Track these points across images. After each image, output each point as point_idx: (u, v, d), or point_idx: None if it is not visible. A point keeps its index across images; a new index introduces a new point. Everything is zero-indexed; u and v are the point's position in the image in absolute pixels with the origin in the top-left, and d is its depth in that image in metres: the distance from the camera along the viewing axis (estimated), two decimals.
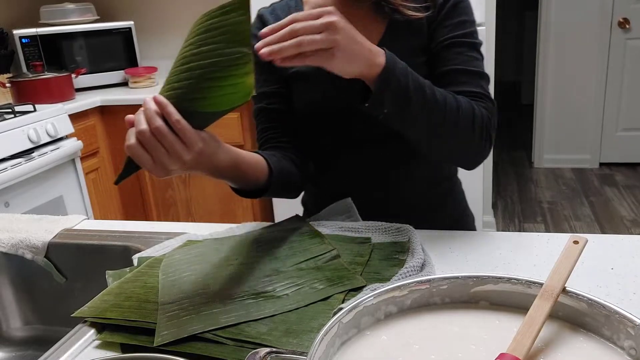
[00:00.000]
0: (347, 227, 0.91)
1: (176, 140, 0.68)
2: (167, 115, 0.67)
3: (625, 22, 3.64)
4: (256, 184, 0.89)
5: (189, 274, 0.79)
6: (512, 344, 0.48)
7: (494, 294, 0.57)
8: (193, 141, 0.69)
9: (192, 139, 0.69)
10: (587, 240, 0.57)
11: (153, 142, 0.67)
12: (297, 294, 0.72)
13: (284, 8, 1.00)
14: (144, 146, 0.68)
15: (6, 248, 0.98)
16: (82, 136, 2.32)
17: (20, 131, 2.02)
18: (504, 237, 0.85)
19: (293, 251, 0.83)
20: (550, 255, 0.79)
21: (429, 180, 1.02)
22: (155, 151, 0.67)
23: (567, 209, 3.27)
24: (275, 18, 0.98)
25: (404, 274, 0.71)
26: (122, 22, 2.78)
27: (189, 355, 0.61)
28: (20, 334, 1.03)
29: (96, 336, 0.69)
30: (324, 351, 0.49)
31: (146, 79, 2.73)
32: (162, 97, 0.69)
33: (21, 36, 2.56)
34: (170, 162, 0.68)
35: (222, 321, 0.66)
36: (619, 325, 0.49)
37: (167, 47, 3.07)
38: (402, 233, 0.85)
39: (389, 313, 0.56)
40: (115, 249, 0.95)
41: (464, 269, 0.77)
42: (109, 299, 0.74)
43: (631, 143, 3.86)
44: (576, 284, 0.54)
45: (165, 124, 0.67)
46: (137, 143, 0.68)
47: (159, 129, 0.67)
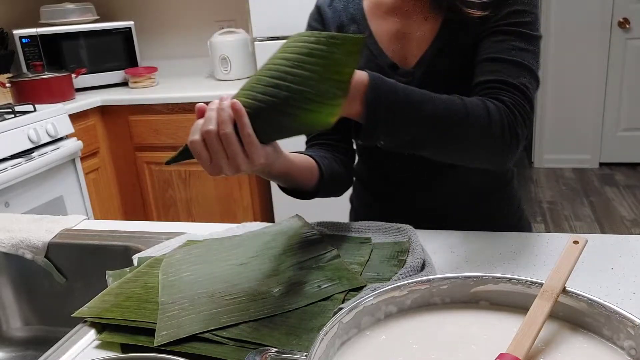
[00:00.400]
0: (347, 227, 0.91)
1: (240, 151, 0.66)
2: (240, 125, 0.65)
3: (625, 22, 3.64)
4: (305, 187, 0.88)
5: (189, 274, 0.79)
6: (512, 344, 0.48)
7: (494, 294, 0.57)
8: (256, 157, 0.67)
9: (257, 154, 0.67)
10: (587, 240, 0.57)
11: (217, 145, 0.65)
12: (297, 294, 0.72)
13: (342, 0, 0.97)
14: (207, 145, 0.66)
15: (6, 248, 0.98)
16: (82, 136, 2.32)
17: (20, 131, 2.02)
18: (504, 237, 0.85)
19: (293, 251, 0.83)
20: (550, 255, 0.79)
21: (478, 186, 0.97)
22: (216, 154, 0.65)
23: (567, 209, 3.27)
24: (333, 10, 0.96)
25: (404, 274, 0.71)
26: (122, 22, 2.78)
27: (189, 355, 0.61)
28: (20, 334, 1.03)
29: (96, 336, 0.69)
30: (324, 351, 0.49)
31: (146, 79, 2.73)
32: (240, 104, 0.65)
33: (21, 36, 2.56)
34: (227, 168, 0.67)
35: (222, 321, 0.66)
36: (619, 325, 0.49)
37: (167, 47, 3.08)
38: (402, 233, 0.85)
39: (389, 313, 0.56)
40: (115, 249, 0.95)
41: (464, 269, 0.77)
42: (109, 299, 0.74)
43: (631, 143, 3.86)
44: (576, 284, 0.54)
45: (235, 132, 0.65)
46: (201, 140, 0.66)
47: (227, 136, 0.65)
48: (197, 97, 2.39)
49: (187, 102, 2.41)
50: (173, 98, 2.43)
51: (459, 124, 0.74)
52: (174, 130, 2.46)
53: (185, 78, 2.92)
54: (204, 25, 2.95)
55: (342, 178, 0.97)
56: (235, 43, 2.64)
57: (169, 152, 2.83)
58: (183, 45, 3.05)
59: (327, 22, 0.96)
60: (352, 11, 0.94)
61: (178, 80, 2.85)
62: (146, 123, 2.50)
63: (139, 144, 2.54)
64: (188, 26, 3.01)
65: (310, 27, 0.99)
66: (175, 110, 2.44)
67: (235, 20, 2.89)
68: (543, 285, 0.53)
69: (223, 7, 2.93)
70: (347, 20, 0.94)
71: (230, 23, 2.88)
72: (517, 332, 0.49)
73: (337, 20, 0.95)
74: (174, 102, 2.43)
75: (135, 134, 2.53)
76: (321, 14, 0.97)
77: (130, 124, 2.52)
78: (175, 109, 2.44)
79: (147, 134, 2.51)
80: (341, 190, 0.99)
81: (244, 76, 2.67)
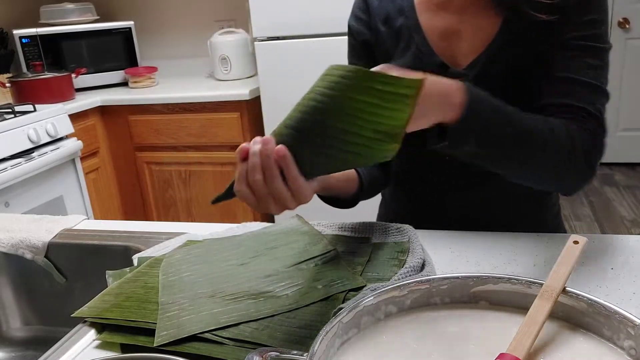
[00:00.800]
0: (347, 227, 0.91)
1: (288, 194, 0.63)
2: (286, 171, 0.62)
3: (625, 22, 3.64)
4: (345, 196, 0.86)
5: (189, 274, 0.79)
6: (512, 344, 0.48)
7: (494, 294, 0.57)
8: (303, 196, 0.64)
9: (304, 194, 0.64)
10: (587, 240, 0.57)
11: (265, 192, 0.63)
12: (297, 294, 0.72)
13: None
14: (254, 192, 0.63)
15: (6, 248, 0.98)
16: (82, 136, 2.32)
17: (20, 131, 2.02)
18: (504, 237, 0.85)
19: (293, 251, 0.83)
20: (550, 255, 0.79)
21: (514, 195, 0.92)
22: (265, 199, 0.63)
23: (567, 209, 3.27)
24: (380, 0, 0.91)
25: (404, 274, 0.71)
26: (122, 22, 2.78)
27: (189, 355, 0.61)
28: (20, 334, 1.03)
29: (96, 336, 0.69)
30: (324, 351, 0.49)
31: (146, 79, 2.73)
32: (285, 150, 0.61)
33: (21, 36, 2.56)
34: (275, 209, 0.64)
35: (222, 321, 0.66)
36: (619, 325, 0.49)
37: (167, 47, 3.08)
38: (402, 233, 0.85)
39: (389, 313, 0.56)
40: (115, 249, 0.95)
41: (464, 269, 0.77)
42: (109, 299, 0.74)
43: (631, 143, 3.85)
44: (576, 284, 0.54)
45: (282, 179, 0.62)
46: (248, 188, 0.63)
47: (275, 188, 0.62)
48: (197, 97, 2.39)
49: (187, 102, 2.41)
50: (173, 98, 2.43)
51: (543, 145, 0.71)
52: (174, 130, 2.46)
53: (185, 78, 2.92)
54: (204, 25, 2.95)
55: (381, 181, 0.95)
56: (235, 43, 2.64)
57: (168, 152, 2.83)
58: (183, 45, 3.05)
59: (372, 12, 0.91)
60: (401, 2, 0.89)
61: (178, 80, 2.85)
62: (146, 123, 2.50)
63: (139, 144, 2.54)
64: (188, 26, 3.01)
65: (355, 17, 0.94)
66: (175, 110, 2.44)
67: (235, 20, 2.89)
68: (543, 285, 0.53)
69: (223, 7, 2.93)
70: (395, 12, 0.89)
71: (230, 23, 2.88)
72: (517, 332, 0.49)
73: (383, 11, 0.90)
74: (174, 102, 2.43)
75: (135, 134, 2.53)
76: (367, 3, 0.92)
77: (130, 124, 2.52)
78: (175, 109, 2.44)
79: (147, 134, 2.51)
80: (378, 191, 0.96)
81: (243, 76, 2.67)
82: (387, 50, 0.90)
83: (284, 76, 2.26)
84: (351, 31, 0.95)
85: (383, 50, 0.90)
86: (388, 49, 0.90)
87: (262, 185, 0.62)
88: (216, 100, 2.36)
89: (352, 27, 0.95)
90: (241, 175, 0.64)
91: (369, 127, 0.59)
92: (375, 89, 0.57)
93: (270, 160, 0.61)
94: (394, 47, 0.89)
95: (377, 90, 0.57)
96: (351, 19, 0.95)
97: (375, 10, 0.91)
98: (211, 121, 2.39)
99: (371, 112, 0.58)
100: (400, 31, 0.88)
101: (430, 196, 0.96)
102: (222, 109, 2.37)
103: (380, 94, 0.57)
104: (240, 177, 0.64)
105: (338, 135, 0.60)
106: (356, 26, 0.94)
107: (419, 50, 0.86)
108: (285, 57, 2.25)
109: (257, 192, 0.63)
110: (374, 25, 0.91)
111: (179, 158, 2.50)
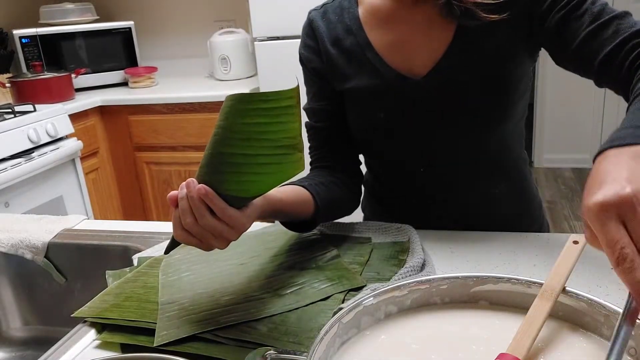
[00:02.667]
0: (347, 227, 0.91)
1: (224, 227, 0.65)
2: (214, 207, 0.64)
3: None
4: (302, 219, 0.84)
5: (189, 274, 0.79)
6: (512, 344, 0.48)
7: (494, 294, 0.57)
8: (240, 225, 0.66)
9: (240, 223, 0.66)
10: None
11: (201, 232, 0.64)
12: (297, 294, 0.72)
13: (336, 10, 0.90)
14: (192, 234, 0.65)
15: (6, 248, 0.98)
16: (82, 136, 2.32)
17: (20, 131, 2.02)
18: (504, 237, 0.85)
19: (293, 251, 0.83)
20: (550, 255, 0.79)
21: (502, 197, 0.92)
22: (204, 238, 0.65)
23: (566, 209, 3.27)
24: (326, 23, 0.90)
25: (404, 274, 0.71)
26: (122, 22, 2.78)
27: (189, 355, 0.61)
28: (20, 334, 1.03)
29: (96, 336, 0.69)
30: (324, 351, 0.49)
31: (146, 79, 2.73)
32: (206, 188, 0.63)
33: (21, 36, 2.56)
34: (218, 244, 0.66)
35: (222, 321, 0.66)
36: None
37: (167, 47, 3.07)
38: (402, 233, 0.85)
39: (389, 313, 0.56)
40: (115, 249, 0.95)
41: (464, 269, 0.77)
42: (109, 299, 0.74)
43: None
44: (576, 284, 0.54)
45: (211, 214, 0.64)
46: (185, 232, 0.65)
47: (208, 224, 0.64)
48: (197, 97, 2.39)
49: (187, 102, 2.41)
50: (173, 98, 2.43)
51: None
52: (174, 130, 2.46)
53: (185, 78, 2.92)
54: (204, 25, 2.95)
55: (344, 201, 0.92)
56: (235, 43, 2.64)
57: (168, 152, 2.83)
58: (183, 45, 3.05)
59: (319, 36, 0.90)
60: (348, 22, 0.88)
61: (178, 80, 2.85)
62: (146, 123, 2.50)
63: (139, 144, 2.54)
64: (188, 26, 3.01)
65: (304, 45, 0.93)
66: (175, 110, 2.44)
67: (235, 20, 2.89)
68: (543, 285, 0.53)
69: (223, 7, 2.93)
70: (343, 32, 0.88)
71: (230, 23, 2.88)
72: (517, 332, 0.49)
73: (332, 33, 0.89)
74: (174, 102, 2.43)
75: (135, 134, 2.53)
76: (314, 29, 0.91)
77: (130, 124, 2.52)
78: (175, 109, 2.44)
79: (147, 134, 2.51)
80: (346, 211, 0.94)
81: (243, 76, 2.67)
82: (340, 72, 0.88)
83: (284, 76, 2.26)
84: (301, 59, 0.94)
85: (337, 73, 0.89)
86: (341, 70, 0.88)
87: (195, 225, 0.64)
88: (216, 100, 2.36)
89: (302, 56, 0.93)
90: (175, 220, 0.66)
91: (269, 145, 0.62)
92: (260, 108, 0.60)
93: (195, 201, 0.63)
94: (346, 67, 0.88)
95: (262, 109, 0.60)
96: (300, 48, 0.94)
97: (322, 34, 0.89)
98: (211, 121, 2.39)
99: (265, 131, 0.61)
100: (351, 50, 0.87)
101: (414, 207, 0.95)
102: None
103: (265, 112, 0.60)
104: (175, 223, 0.66)
105: (244, 161, 0.62)
106: (305, 54, 0.92)
107: (374, 67, 0.85)
108: (285, 57, 2.24)
109: (194, 233, 0.65)
110: (323, 49, 0.89)
111: (178, 158, 2.50)
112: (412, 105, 0.84)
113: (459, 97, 0.82)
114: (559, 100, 3.84)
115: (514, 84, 0.83)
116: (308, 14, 0.93)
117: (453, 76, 0.81)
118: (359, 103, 0.89)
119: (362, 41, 0.86)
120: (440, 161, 0.88)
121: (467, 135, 0.85)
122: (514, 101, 0.84)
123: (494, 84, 0.81)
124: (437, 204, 0.92)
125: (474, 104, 0.82)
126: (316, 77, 0.92)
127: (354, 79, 0.87)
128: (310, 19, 0.92)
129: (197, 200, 0.63)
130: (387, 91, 0.85)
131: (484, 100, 0.82)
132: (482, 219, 0.92)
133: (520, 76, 0.83)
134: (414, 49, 0.83)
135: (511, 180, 0.93)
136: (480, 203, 0.92)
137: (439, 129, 0.85)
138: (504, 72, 0.81)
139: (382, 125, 0.88)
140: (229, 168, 0.63)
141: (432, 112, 0.84)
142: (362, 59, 0.86)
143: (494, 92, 0.82)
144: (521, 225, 0.92)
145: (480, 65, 0.81)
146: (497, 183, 0.91)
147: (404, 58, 0.84)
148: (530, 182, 0.97)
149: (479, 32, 0.80)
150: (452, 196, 0.91)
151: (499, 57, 0.81)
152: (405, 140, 0.88)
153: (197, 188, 0.63)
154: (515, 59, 0.82)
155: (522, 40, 0.81)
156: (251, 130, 0.61)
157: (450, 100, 0.83)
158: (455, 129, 0.84)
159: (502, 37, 0.80)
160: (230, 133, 0.61)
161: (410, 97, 0.84)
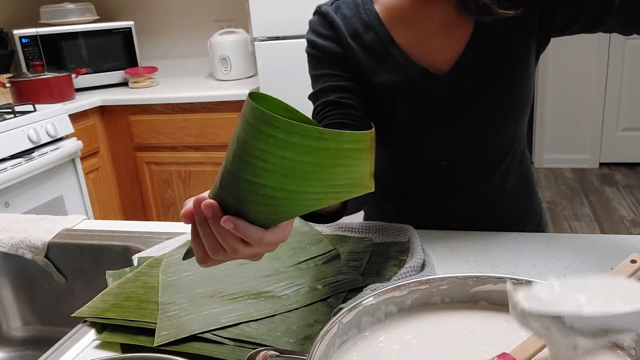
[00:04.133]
0: (347, 227, 0.91)
1: (262, 249, 0.55)
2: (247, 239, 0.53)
3: None
4: (328, 211, 0.75)
5: (189, 274, 0.79)
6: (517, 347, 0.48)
7: (494, 294, 0.57)
8: (280, 241, 0.56)
9: (279, 241, 0.56)
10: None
11: (223, 255, 0.55)
12: (297, 294, 0.72)
13: (350, 6, 0.89)
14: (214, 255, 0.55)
15: (6, 248, 0.98)
16: (82, 136, 2.32)
17: (20, 131, 2.02)
18: (504, 237, 0.85)
19: (293, 251, 0.83)
20: (550, 255, 0.79)
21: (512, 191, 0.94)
22: (225, 257, 0.55)
23: (567, 209, 3.27)
24: (342, 17, 0.88)
25: (404, 274, 0.71)
26: (122, 22, 2.78)
27: (189, 355, 0.61)
28: (20, 334, 1.03)
29: (96, 336, 0.69)
30: (323, 351, 0.49)
31: (146, 79, 2.73)
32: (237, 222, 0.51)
33: (21, 36, 2.56)
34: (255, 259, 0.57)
35: (222, 321, 0.66)
36: None
37: (167, 47, 3.07)
38: (402, 233, 0.85)
39: (389, 313, 0.56)
40: (115, 249, 0.95)
41: (464, 269, 0.77)
42: (109, 299, 0.74)
43: (631, 143, 3.85)
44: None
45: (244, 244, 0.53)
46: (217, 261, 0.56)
47: (243, 255, 0.54)
48: (197, 97, 2.39)
49: (187, 102, 2.41)
50: (173, 98, 2.43)
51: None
52: (174, 130, 2.46)
53: (185, 78, 2.92)
54: (204, 25, 2.95)
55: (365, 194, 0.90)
56: (235, 43, 2.64)
57: (168, 152, 2.83)
58: (183, 45, 3.05)
59: (339, 28, 0.87)
60: (366, 17, 0.87)
61: (178, 80, 2.85)
62: (146, 123, 2.50)
63: (139, 144, 2.54)
64: (188, 26, 3.01)
65: (319, 34, 0.89)
66: (175, 110, 2.44)
67: (235, 20, 2.89)
68: None
69: (223, 7, 2.93)
70: (362, 27, 0.87)
71: (230, 23, 2.88)
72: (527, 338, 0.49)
73: (349, 27, 0.87)
74: (174, 102, 2.43)
75: (135, 134, 2.53)
76: (329, 21, 0.88)
77: (130, 124, 2.52)
78: (175, 109, 2.44)
79: (147, 134, 2.51)
80: (365, 204, 0.93)
81: (243, 76, 2.67)
82: (361, 65, 0.87)
83: (284, 76, 2.26)
84: (315, 46, 0.90)
85: (359, 66, 0.87)
86: (363, 65, 0.87)
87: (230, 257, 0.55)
88: (216, 100, 2.36)
89: (315, 43, 0.89)
90: (197, 243, 0.56)
91: (322, 185, 0.47)
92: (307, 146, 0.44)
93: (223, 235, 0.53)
94: (368, 62, 0.87)
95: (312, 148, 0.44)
96: (313, 37, 0.90)
97: (340, 26, 0.88)
98: (211, 121, 2.39)
99: (316, 170, 0.46)
100: (372, 46, 0.86)
101: (421, 208, 0.95)
102: (222, 109, 2.37)
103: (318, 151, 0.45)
104: (197, 247, 0.56)
105: (285, 196, 0.48)
106: (321, 41, 0.89)
107: (399, 63, 0.85)
108: (285, 57, 2.25)
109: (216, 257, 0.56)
110: (344, 41, 0.88)
111: (178, 158, 2.50)
112: (439, 101, 0.85)
113: (481, 92, 0.84)
114: (559, 100, 3.84)
115: (531, 78, 0.85)
116: (318, 8, 0.91)
117: (475, 71, 0.83)
118: (383, 99, 0.88)
119: (384, 37, 0.86)
120: (462, 156, 0.89)
121: (488, 129, 0.87)
122: (529, 95, 0.87)
123: (513, 77, 0.83)
124: (446, 200, 0.93)
125: (495, 98, 0.84)
126: (337, 59, 0.88)
127: (376, 75, 0.87)
128: (324, 12, 0.90)
129: (227, 237, 0.53)
130: (412, 87, 0.85)
131: (505, 94, 0.84)
132: (490, 213, 0.93)
133: (533, 69, 0.86)
134: (435, 46, 0.85)
135: (521, 173, 0.94)
136: (492, 197, 0.93)
137: (463, 124, 0.86)
138: (520, 66, 0.84)
139: (407, 121, 0.88)
140: (262, 200, 0.49)
141: (457, 107, 0.85)
142: (384, 54, 0.86)
143: (514, 86, 0.84)
144: (522, 219, 0.95)
145: (499, 60, 0.82)
146: (510, 176, 0.92)
147: (425, 54, 0.85)
148: (532, 174, 1.00)
149: (496, 27, 0.81)
150: (463, 192, 0.92)
151: (516, 52, 0.83)
152: (430, 136, 0.89)
153: (224, 221, 0.51)
154: (529, 52, 0.84)
155: (535, 34, 0.83)
156: (295, 167, 0.46)
157: (473, 94, 0.84)
158: (478, 123, 0.86)
159: (518, 32, 0.82)
160: (264, 163, 0.46)
161: (436, 93, 0.84)
